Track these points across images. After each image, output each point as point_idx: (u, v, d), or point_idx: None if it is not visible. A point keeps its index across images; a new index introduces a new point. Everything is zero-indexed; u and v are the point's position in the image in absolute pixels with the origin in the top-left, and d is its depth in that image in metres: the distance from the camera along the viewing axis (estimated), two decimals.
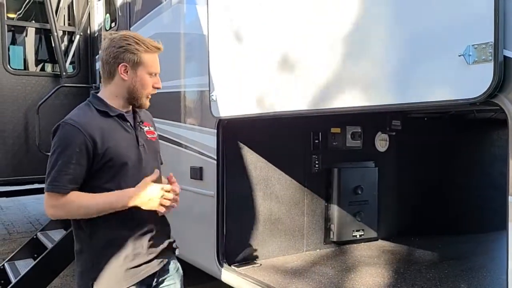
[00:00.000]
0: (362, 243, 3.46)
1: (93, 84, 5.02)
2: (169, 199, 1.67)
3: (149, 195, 1.64)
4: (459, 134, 3.89)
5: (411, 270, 2.82)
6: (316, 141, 3.32)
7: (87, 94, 5.22)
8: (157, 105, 3.63)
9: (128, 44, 1.68)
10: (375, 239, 3.55)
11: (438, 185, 3.81)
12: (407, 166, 3.74)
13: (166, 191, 1.67)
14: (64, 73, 4.98)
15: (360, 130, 3.52)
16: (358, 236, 3.43)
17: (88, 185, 1.68)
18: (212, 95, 2.72)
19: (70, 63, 5.20)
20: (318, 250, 3.29)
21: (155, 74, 1.75)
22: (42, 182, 5.08)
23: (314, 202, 3.32)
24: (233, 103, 2.62)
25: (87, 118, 1.70)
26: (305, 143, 3.29)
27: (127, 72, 1.70)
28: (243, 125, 2.88)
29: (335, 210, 3.34)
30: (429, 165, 3.79)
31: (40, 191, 5.69)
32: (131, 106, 1.82)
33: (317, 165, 3.31)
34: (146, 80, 1.72)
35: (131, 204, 1.63)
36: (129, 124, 1.79)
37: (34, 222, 7.64)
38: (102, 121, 1.71)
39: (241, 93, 2.53)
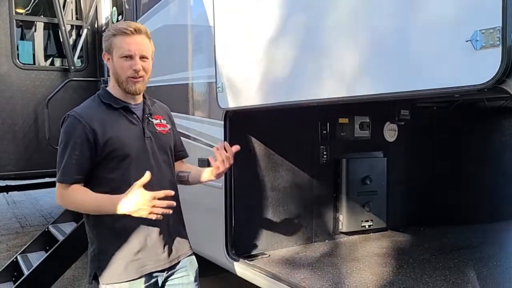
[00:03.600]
0: (371, 233, 3.45)
1: (101, 78, 5.04)
2: (160, 207, 1.56)
3: (139, 204, 1.55)
4: (469, 123, 3.85)
5: (420, 259, 2.80)
6: (324, 131, 3.30)
7: (96, 87, 5.32)
8: (165, 97, 3.67)
9: (108, 31, 1.76)
10: (384, 230, 3.53)
11: (448, 174, 3.77)
12: (416, 156, 3.72)
13: (158, 199, 1.56)
14: (72, 67, 5.01)
15: (368, 120, 3.50)
16: (367, 226, 3.42)
17: (94, 176, 1.71)
18: (219, 86, 2.71)
19: (78, 57, 5.23)
20: (326, 241, 3.29)
21: (130, 57, 1.72)
22: (52, 175, 5.13)
23: (323, 193, 3.31)
24: (239, 94, 2.61)
25: (90, 109, 1.75)
26: (313, 133, 3.27)
27: (109, 59, 1.77)
28: (250, 116, 2.88)
29: (343, 200, 3.34)
30: (439, 154, 3.76)
31: (50, 184, 5.77)
32: (141, 98, 1.85)
33: (325, 156, 3.30)
34: (121, 63, 1.73)
35: (119, 211, 1.59)
36: (135, 116, 1.80)
37: (47, 216, 7.74)
38: (106, 112, 1.75)
39: (248, 84, 2.52)
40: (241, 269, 2.73)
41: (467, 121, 3.84)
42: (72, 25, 5.33)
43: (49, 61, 5.41)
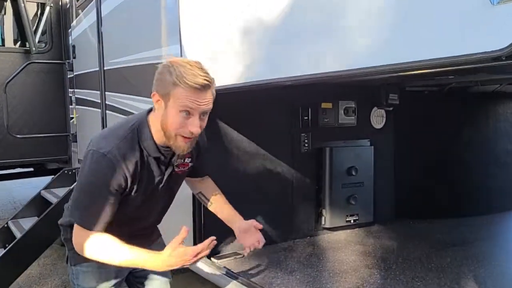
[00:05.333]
0: (357, 229, 3.17)
1: (67, 61, 4.63)
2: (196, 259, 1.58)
3: (182, 262, 1.54)
4: (461, 108, 3.58)
5: (410, 259, 2.53)
6: (306, 117, 2.99)
7: (61, 71, 4.91)
8: (126, 79, 3.32)
9: (168, 72, 1.46)
10: (371, 224, 3.26)
11: (439, 164, 3.51)
12: (405, 144, 3.44)
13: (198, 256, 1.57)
14: (34, 49, 4.58)
15: (354, 105, 3.19)
16: (352, 221, 3.14)
17: None
18: None
19: (40, 38, 4.80)
20: (308, 237, 3.00)
21: (190, 114, 1.47)
22: (13, 166, 4.69)
23: (304, 185, 3.01)
24: (217, 72, 2.26)
25: (127, 151, 1.54)
26: (293, 120, 2.96)
27: (158, 102, 1.52)
28: (222, 100, 2.53)
29: (326, 193, 3.04)
30: (429, 142, 3.48)
31: (12, 176, 5.42)
32: None
33: (306, 144, 2.99)
34: (177, 119, 1.48)
35: (160, 269, 1.60)
36: (165, 162, 1.66)
37: (19, 208, 7.33)
38: (140, 156, 1.58)
39: (217, 62, 2.18)
40: (209, 270, 2.42)
41: (459, 106, 3.56)
42: (34, 3, 4.89)
43: (11, 42, 4.98)
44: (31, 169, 5.64)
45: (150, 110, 1.61)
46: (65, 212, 1.83)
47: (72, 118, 4.53)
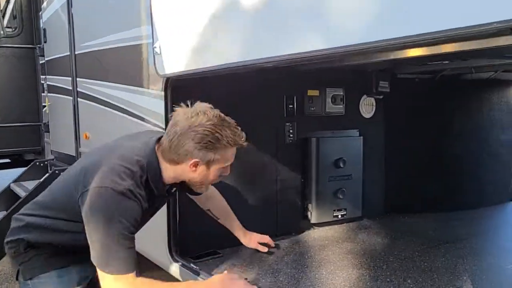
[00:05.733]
0: (345, 224, 3.00)
1: (38, 45, 4.35)
2: None
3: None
4: (454, 97, 3.40)
5: (401, 258, 2.35)
6: (291, 106, 2.78)
7: (32, 55, 4.62)
8: (98, 64, 3.08)
9: (209, 141, 1.51)
10: (360, 219, 3.08)
11: (431, 155, 3.34)
12: (396, 135, 3.26)
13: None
14: (2, 32, 4.29)
15: (342, 93, 2.99)
16: (340, 216, 2.96)
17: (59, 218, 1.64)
18: (155, 47, 2.14)
19: (11, 23, 4.50)
20: (293, 234, 2.81)
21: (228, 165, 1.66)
22: None
23: (289, 179, 2.81)
24: (182, 56, 2.04)
25: (139, 185, 1.54)
26: (277, 108, 2.75)
27: (197, 166, 1.57)
28: (199, 86, 2.32)
29: (313, 187, 2.85)
30: (421, 132, 3.31)
31: None
32: None
33: (291, 135, 2.79)
34: (216, 174, 1.64)
35: None
36: (163, 194, 1.73)
37: None
38: (148, 191, 1.59)
39: (193, 43, 1.96)
40: (184, 272, 2.21)
41: (452, 94, 3.38)
42: None
43: None
44: (8, 160, 5.37)
45: (156, 142, 1.63)
46: (13, 224, 1.68)
47: (45, 106, 4.26)
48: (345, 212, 2.97)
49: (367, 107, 3.17)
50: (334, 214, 2.93)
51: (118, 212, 1.46)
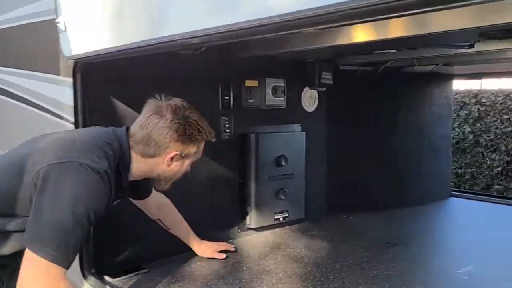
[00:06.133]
0: (287, 227, 2.75)
1: None
2: None
3: None
4: (397, 90, 3.27)
5: (348, 265, 2.14)
6: (226, 97, 2.48)
7: None
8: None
9: (193, 133, 1.50)
10: (303, 220, 2.85)
11: (374, 150, 3.19)
12: (339, 130, 3.07)
13: None
14: None
15: (283, 84, 2.74)
16: (281, 219, 2.70)
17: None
18: (59, 23, 1.74)
19: None
20: (230, 241, 2.51)
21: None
22: None
23: (225, 179, 2.52)
24: (93, 33, 1.66)
25: (113, 175, 1.42)
26: (211, 99, 2.43)
27: (173, 159, 1.51)
28: (116, 72, 1.95)
29: (252, 187, 2.57)
30: (364, 127, 3.15)
31: None
32: None
33: (228, 130, 2.49)
34: (187, 169, 1.63)
35: None
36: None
37: None
38: (117, 184, 1.46)
39: (105, 17, 1.59)
40: None
41: (395, 88, 3.26)
42: None
43: None
44: None
45: (126, 132, 1.51)
46: None
47: None
48: (287, 214, 2.72)
49: (309, 100, 2.95)
50: (276, 217, 2.68)
51: (88, 194, 1.31)
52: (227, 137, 2.49)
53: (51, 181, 1.29)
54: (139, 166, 1.52)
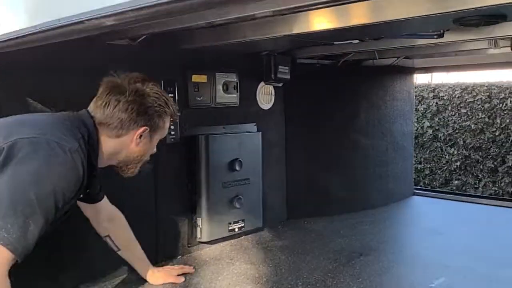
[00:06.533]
0: (243, 238, 2.48)
1: None
2: None
3: None
4: (357, 85, 3.08)
5: (312, 282, 1.90)
6: (171, 94, 2.15)
7: None
8: None
9: (160, 105, 1.41)
10: (260, 230, 2.60)
11: (336, 150, 2.98)
12: (297, 128, 2.84)
13: None
14: None
15: (235, 79, 2.46)
16: (237, 229, 2.43)
17: None
18: None
19: None
20: (179, 257, 2.22)
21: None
22: None
23: (172, 187, 2.21)
24: None
25: (84, 158, 1.28)
26: None
27: (141, 137, 1.41)
28: (27, 61, 1.60)
29: (202, 196, 2.27)
30: (324, 125, 2.93)
31: None
32: None
33: (173, 132, 2.18)
34: (153, 147, 1.51)
35: None
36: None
37: None
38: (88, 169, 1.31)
39: None
40: None
41: (355, 82, 3.06)
42: None
43: None
44: None
45: (89, 117, 1.38)
46: None
47: None
48: (242, 224, 2.45)
49: (265, 97, 2.68)
50: (230, 228, 2.40)
51: (56, 173, 1.18)
52: (172, 140, 2.18)
53: (15, 158, 1.15)
54: (107, 149, 1.41)
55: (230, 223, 2.39)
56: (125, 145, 1.42)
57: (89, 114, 1.39)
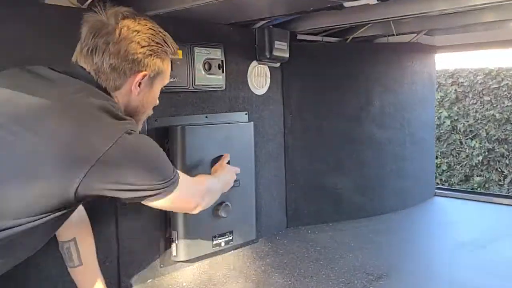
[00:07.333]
0: (232, 253, 2.01)
1: None
2: None
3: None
4: (370, 66, 2.59)
5: None
6: None
7: None
8: None
9: (158, 43, 1.15)
10: (253, 242, 2.12)
11: (344, 144, 2.49)
12: (299, 119, 2.36)
13: None
14: None
15: (220, 56, 1.97)
16: (223, 243, 1.95)
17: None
18: None
19: None
20: (149, 281, 1.75)
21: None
22: None
23: None
24: None
25: None
26: None
27: (140, 84, 1.16)
28: None
29: None
30: (330, 114, 2.45)
31: None
32: None
33: (147, 122, 1.70)
34: (157, 94, 1.25)
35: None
36: None
37: None
38: None
39: None
40: None
41: (367, 63, 2.57)
42: None
43: None
44: None
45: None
46: None
47: None
48: (231, 237, 1.97)
49: (258, 79, 2.20)
50: (215, 242, 1.92)
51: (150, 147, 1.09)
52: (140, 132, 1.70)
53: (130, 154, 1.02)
54: (121, 104, 1.20)
55: (214, 237, 1.91)
56: (125, 97, 1.16)
57: (82, 68, 1.12)
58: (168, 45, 1.18)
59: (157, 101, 1.28)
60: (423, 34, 2.73)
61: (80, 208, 1.36)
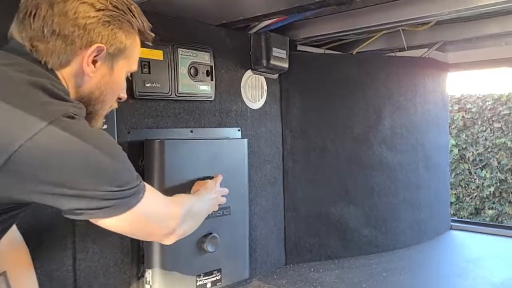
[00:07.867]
0: None
1: None
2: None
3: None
4: (379, 81, 2.32)
5: None
6: None
7: None
8: None
9: (120, 10, 0.88)
10: (245, 282, 1.78)
11: (351, 168, 2.19)
12: (300, 138, 2.06)
13: None
14: None
15: (209, 61, 1.69)
16: (209, 284, 1.60)
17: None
18: None
19: None
20: None
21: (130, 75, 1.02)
22: None
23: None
24: None
25: None
26: None
27: (96, 61, 0.88)
28: None
29: None
30: (335, 134, 2.16)
31: None
32: None
33: (116, 136, 1.40)
34: (122, 79, 0.96)
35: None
36: None
37: None
38: None
39: None
40: None
41: (376, 76, 2.30)
42: None
43: None
44: None
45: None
46: None
47: None
48: (219, 276, 1.63)
49: (253, 92, 1.91)
50: (200, 283, 1.57)
51: (109, 142, 0.86)
52: None
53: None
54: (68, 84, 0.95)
55: (199, 276, 1.57)
56: (75, 80, 0.89)
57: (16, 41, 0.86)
58: (134, 15, 0.92)
59: (124, 92, 1.00)
60: (434, 49, 2.49)
61: (14, 230, 1.04)
